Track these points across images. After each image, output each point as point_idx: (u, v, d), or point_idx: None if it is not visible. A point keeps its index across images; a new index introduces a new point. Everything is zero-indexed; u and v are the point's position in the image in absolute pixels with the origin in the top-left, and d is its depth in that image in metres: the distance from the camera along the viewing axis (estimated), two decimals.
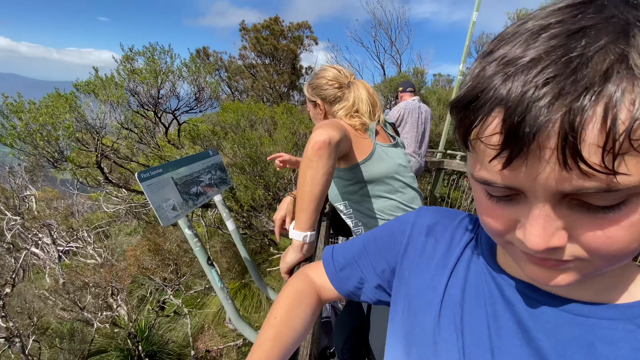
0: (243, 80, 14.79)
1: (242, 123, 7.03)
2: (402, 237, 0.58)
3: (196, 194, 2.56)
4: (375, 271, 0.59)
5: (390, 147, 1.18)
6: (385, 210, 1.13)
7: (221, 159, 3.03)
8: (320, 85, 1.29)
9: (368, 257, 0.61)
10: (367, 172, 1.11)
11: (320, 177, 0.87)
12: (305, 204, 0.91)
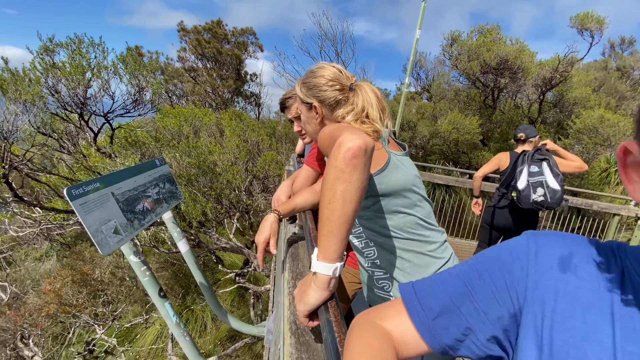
0: (182, 84, 13.78)
1: (185, 129, 6.46)
2: (521, 273, 0.45)
3: (143, 211, 2.17)
4: (487, 318, 0.46)
5: (403, 155, 1.06)
6: (404, 227, 1.01)
7: (169, 169, 2.66)
8: (318, 85, 1.12)
9: (474, 300, 0.47)
10: (383, 185, 0.97)
11: (354, 193, 0.70)
12: (335, 226, 0.70)
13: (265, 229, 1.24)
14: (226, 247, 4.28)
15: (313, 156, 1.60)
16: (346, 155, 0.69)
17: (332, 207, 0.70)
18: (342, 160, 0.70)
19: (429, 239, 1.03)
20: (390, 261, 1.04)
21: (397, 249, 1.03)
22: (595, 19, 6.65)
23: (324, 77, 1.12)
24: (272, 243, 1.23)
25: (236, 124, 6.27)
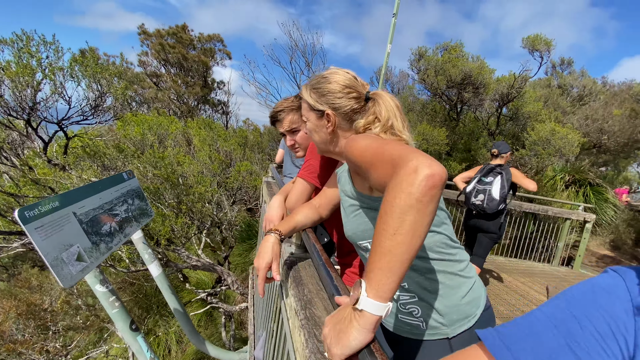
0: (143, 89, 12.99)
1: (149, 138, 6.04)
2: (626, 316, 0.39)
3: (110, 232, 1.93)
4: None
5: None
6: (433, 247, 0.94)
7: (138, 183, 2.43)
8: (333, 92, 1.04)
9: (577, 352, 0.39)
10: None
11: (425, 227, 0.60)
12: (398, 262, 0.60)
13: (266, 253, 1.11)
14: (197, 265, 3.99)
15: (309, 169, 1.49)
16: (426, 184, 0.60)
17: (397, 240, 0.60)
18: (418, 188, 0.60)
19: (457, 257, 0.98)
20: (420, 284, 0.96)
21: (428, 271, 0.95)
22: (543, 41, 7.33)
23: (338, 84, 1.04)
24: (274, 268, 1.10)
25: (206, 132, 5.98)
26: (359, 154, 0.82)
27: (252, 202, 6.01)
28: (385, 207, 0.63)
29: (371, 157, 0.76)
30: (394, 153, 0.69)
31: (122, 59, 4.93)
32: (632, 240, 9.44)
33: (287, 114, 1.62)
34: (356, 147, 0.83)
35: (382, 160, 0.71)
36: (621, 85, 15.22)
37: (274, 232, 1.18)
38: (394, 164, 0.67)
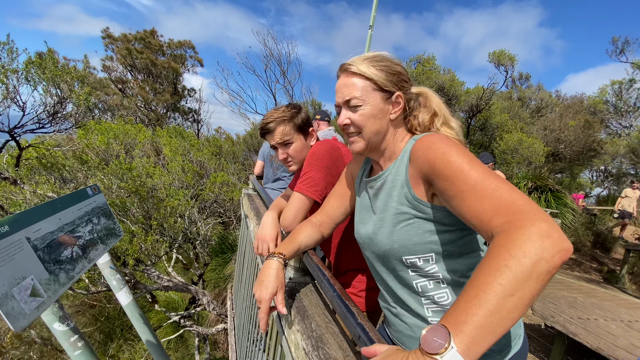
0: (107, 96, 12.20)
1: (114, 148, 5.61)
2: None
3: (72, 259, 1.68)
4: None
5: None
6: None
7: (105, 199, 2.18)
8: (402, 74, 0.92)
9: None
10: None
11: (530, 302, 0.52)
12: (502, 325, 0.50)
13: (269, 282, 0.96)
14: (168, 285, 3.67)
15: (309, 181, 1.36)
16: (560, 257, 0.53)
17: (513, 303, 0.50)
18: (553, 259, 0.52)
19: None
20: None
21: None
22: (508, 57, 7.80)
23: (403, 67, 0.94)
24: (279, 299, 0.96)
25: (178, 142, 5.66)
26: (453, 168, 0.71)
27: (228, 215, 5.73)
28: (507, 260, 0.53)
29: (474, 182, 0.67)
30: (514, 197, 0.61)
31: (86, 62, 4.51)
32: (590, 242, 10.11)
33: (279, 125, 1.48)
34: (446, 155, 0.73)
35: (489, 195, 0.63)
36: (573, 99, 16.58)
37: (277, 256, 1.03)
38: (515, 211, 0.59)
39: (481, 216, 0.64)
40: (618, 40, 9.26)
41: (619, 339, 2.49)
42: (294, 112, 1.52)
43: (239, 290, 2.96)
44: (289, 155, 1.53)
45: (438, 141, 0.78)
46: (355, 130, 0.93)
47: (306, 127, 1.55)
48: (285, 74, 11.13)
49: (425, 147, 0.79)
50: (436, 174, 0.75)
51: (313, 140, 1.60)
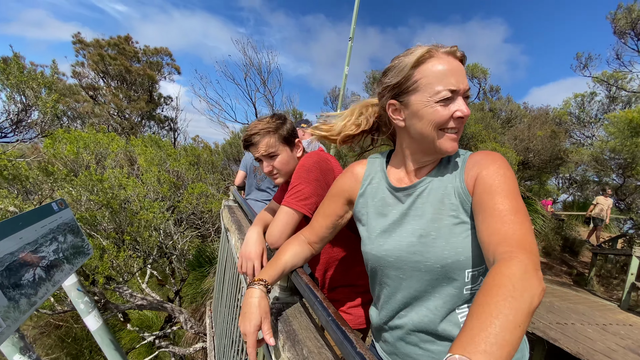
0: (77, 103, 11.62)
1: (84, 158, 5.31)
2: None
3: (34, 282, 1.53)
4: None
5: None
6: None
7: (72, 215, 2.03)
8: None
9: None
10: None
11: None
12: (508, 355, 0.49)
13: (252, 313, 0.89)
14: (142, 304, 3.45)
15: (298, 195, 1.30)
16: (542, 297, 0.59)
17: (518, 334, 0.50)
18: (540, 297, 0.58)
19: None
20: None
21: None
22: (481, 70, 8.16)
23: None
24: (266, 330, 0.89)
25: (154, 151, 5.44)
26: (504, 187, 0.74)
27: (207, 227, 5.53)
28: (512, 292, 0.54)
29: (509, 207, 0.70)
30: (527, 235, 0.66)
31: (54, 68, 4.21)
32: (560, 246, 10.60)
33: (263, 137, 1.42)
34: (506, 175, 0.76)
35: (511, 224, 0.67)
36: (539, 110, 17.58)
37: (257, 283, 0.96)
38: (522, 245, 0.63)
39: (493, 237, 0.67)
40: (582, 56, 10.00)
41: (597, 343, 2.56)
42: (279, 122, 1.47)
43: (219, 307, 2.81)
44: (274, 168, 1.46)
45: (500, 158, 0.80)
46: (462, 126, 0.84)
47: (292, 138, 1.49)
48: (266, 83, 11.09)
49: (490, 160, 0.79)
50: (488, 186, 0.75)
51: (299, 151, 1.55)
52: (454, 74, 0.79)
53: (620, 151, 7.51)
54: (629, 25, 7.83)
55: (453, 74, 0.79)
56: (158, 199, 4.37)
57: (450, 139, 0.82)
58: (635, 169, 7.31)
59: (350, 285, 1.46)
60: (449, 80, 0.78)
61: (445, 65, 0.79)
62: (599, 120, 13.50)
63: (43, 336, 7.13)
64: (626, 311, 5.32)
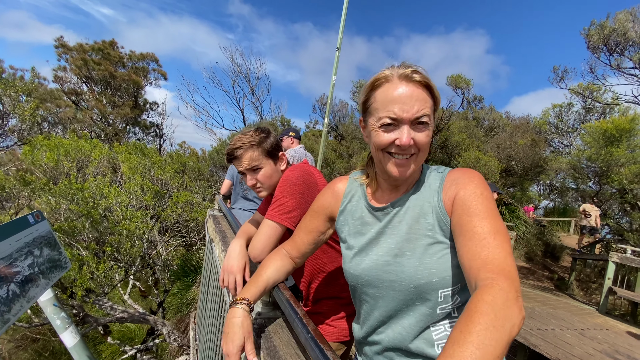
0: (58, 108, 11.29)
1: (65, 165, 5.17)
2: None
3: (7, 299, 1.49)
4: None
5: None
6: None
7: (49, 227, 1.99)
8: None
9: None
10: None
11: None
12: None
13: (235, 334, 0.88)
14: (124, 317, 3.35)
15: (281, 208, 1.31)
16: (521, 326, 0.59)
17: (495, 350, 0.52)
18: (519, 326, 0.58)
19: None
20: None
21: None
22: (464, 80, 8.41)
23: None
24: (248, 349, 0.89)
25: (138, 159, 5.34)
26: (481, 208, 0.73)
27: (192, 236, 5.44)
28: (494, 322, 0.54)
29: (488, 230, 0.70)
30: (508, 260, 0.66)
31: (34, 73, 4.12)
32: (542, 251, 10.89)
33: (246, 151, 1.42)
34: (484, 195, 0.76)
35: (491, 248, 0.67)
36: (520, 119, 18.17)
37: (240, 303, 0.95)
38: (503, 272, 0.63)
39: (474, 262, 0.67)
40: (558, 69, 10.46)
41: (575, 348, 2.64)
42: (262, 136, 1.47)
43: (202, 320, 2.76)
44: (258, 181, 1.47)
45: (478, 177, 0.80)
46: (414, 152, 0.81)
47: (275, 151, 1.50)
48: (254, 90, 11.09)
49: (467, 179, 0.79)
50: (467, 207, 0.74)
51: (283, 164, 1.56)
52: (400, 101, 0.78)
53: (595, 160, 7.84)
54: (602, 41, 8.25)
55: (399, 102, 0.78)
56: (141, 208, 4.28)
57: (395, 164, 0.82)
58: (610, 177, 7.63)
59: (334, 298, 1.47)
60: (392, 108, 0.78)
61: (394, 92, 0.79)
62: (576, 130, 14.07)
63: (19, 350, 6.81)
64: (604, 315, 5.49)
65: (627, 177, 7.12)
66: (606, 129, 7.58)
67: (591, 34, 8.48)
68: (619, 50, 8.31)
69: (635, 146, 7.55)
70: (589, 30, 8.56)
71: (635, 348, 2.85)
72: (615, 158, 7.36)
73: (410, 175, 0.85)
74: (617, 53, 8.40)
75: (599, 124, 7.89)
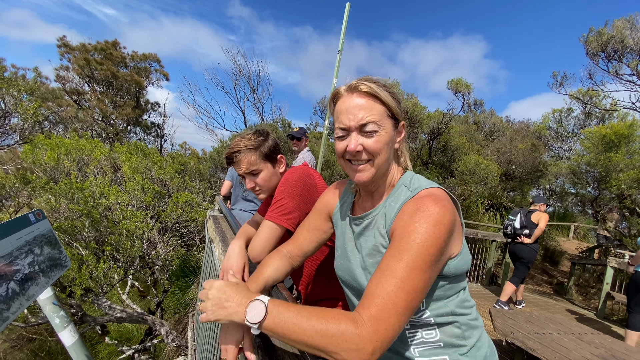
0: (60, 107, 11.32)
1: (65, 165, 5.18)
2: None
3: (7, 297, 1.49)
4: None
5: None
6: (456, 310, 0.86)
7: (50, 226, 1.99)
8: (401, 103, 0.92)
9: None
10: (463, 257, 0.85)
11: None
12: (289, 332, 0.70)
13: (234, 328, 0.89)
14: (122, 316, 3.35)
15: (282, 210, 1.32)
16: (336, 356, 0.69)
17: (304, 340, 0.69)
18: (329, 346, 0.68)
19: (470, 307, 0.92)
20: (456, 335, 0.87)
21: (462, 323, 0.88)
22: (464, 85, 8.45)
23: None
24: (247, 345, 0.90)
25: (139, 159, 5.35)
26: (404, 245, 0.72)
27: (192, 236, 5.45)
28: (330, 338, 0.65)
29: (400, 273, 0.70)
30: (388, 313, 0.68)
31: (37, 73, 4.12)
32: (541, 255, 10.90)
33: (245, 155, 1.43)
34: (416, 232, 0.72)
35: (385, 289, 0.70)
36: (520, 124, 18.22)
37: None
38: (372, 318, 0.67)
39: (366, 292, 0.71)
40: (558, 75, 10.53)
41: (572, 352, 2.64)
42: (260, 140, 1.48)
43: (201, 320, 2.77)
44: (256, 184, 1.48)
45: (426, 218, 0.73)
46: (367, 158, 0.85)
47: (274, 154, 1.51)
48: (255, 92, 11.13)
49: (416, 220, 0.74)
50: (397, 237, 0.75)
51: (282, 167, 1.57)
52: (347, 112, 0.84)
53: (595, 165, 7.88)
54: (600, 47, 8.31)
55: (346, 112, 0.85)
56: (142, 208, 4.29)
57: (353, 170, 0.87)
58: (609, 182, 7.66)
59: (331, 299, 1.48)
60: (341, 119, 0.85)
61: (342, 105, 0.86)
62: (576, 135, 14.12)
63: (15, 350, 6.79)
64: (602, 320, 5.49)
65: (625, 183, 7.15)
66: (605, 135, 7.61)
67: (590, 41, 8.54)
68: (617, 57, 8.37)
69: (634, 152, 7.58)
70: (587, 37, 8.62)
71: (632, 353, 2.86)
72: (614, 163, 7.39)
73: (374, 181, 0.89)
74: (615, 60, 8.46)
75: (597, 130, 7.93)
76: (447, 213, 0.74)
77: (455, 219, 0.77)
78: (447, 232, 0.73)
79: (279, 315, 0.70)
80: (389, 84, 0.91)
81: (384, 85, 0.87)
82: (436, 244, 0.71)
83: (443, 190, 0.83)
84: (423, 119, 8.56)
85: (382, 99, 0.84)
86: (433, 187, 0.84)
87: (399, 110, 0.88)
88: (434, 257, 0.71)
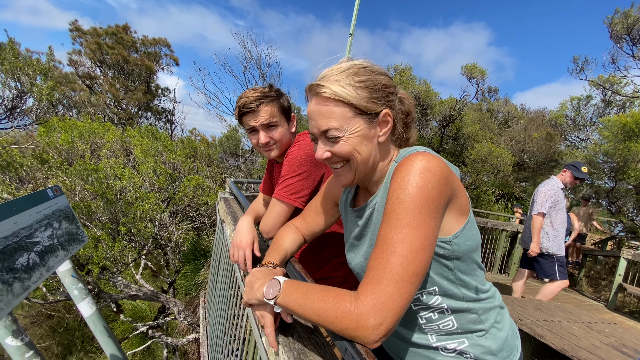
0: (73, 92, 11.47)
1: (79, 147, 5.28)
2: None
3: (28, 267, 1.54)
4: None
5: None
6: (483, 287, 0.84)
7: (67, 202, 2.04)
8: (388, 86, 0.78)
9: None
10: (471, 233, 0.79)
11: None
12: (300, 308, 0.74)
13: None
14: (137, 294, 3.46)
15: (289, 188, 1.32)
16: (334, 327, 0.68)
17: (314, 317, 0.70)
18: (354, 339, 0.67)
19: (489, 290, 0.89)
20: (473, 321, 0.84)
21: (478, 308, 0.85)
22: (479, 70, 8.21)
23: (388, 77, 0.80)
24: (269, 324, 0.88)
25: (150, 142, 5.42)
26: (396, 213, 0.65)
27: (202, 219, 5.54)
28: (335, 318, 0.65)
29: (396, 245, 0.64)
30: (390, 287, 0.63)
31: (50, 55, 4.11)
32: None
33: (267, 105, 1.31)
34: (405, 197, 0.65)
35: (385, 263, 0.65)
36: (536, 112, 17.70)
37: (266, 266, 0.96)
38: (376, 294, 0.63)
39: (369, 267, 0.67)
40: (578, 59, 10.09)
41: (581, 339, 2.63)
42: (278, 92, 1.37)
43: (212, 298, 2.84)
44: (272, 139, 1.37)
45: (410, 172, 0.66)
46: (340, 160, 0.80)
47: (289, 111, 1.43)
48: (265, 77, 11.04)
49: (399, 181, 0.68)
50: (386, 213, 0.69)
51: (293, 127, 1.48)
52: (310, 118, 0.80)
53: (612, 155, 7.63)
54: (625, 30, 7.90)
55: (310, 118, 0.81)
56: (154, 191, 4.36)
57: (336, 175, 0.86)
58: (626, 173, 7.43)
59: (324, 279, 1.47)
60: (310, 125, 0.81)
61: (308, 109, 0.82)
62: (594, 124, 13.67)
63: (34, 326, 7.11)
64: (612, 311, 5.43)
65: None
66: (625, 123, 7.33)
67: (615, 23, 8.12)
68: None
69: None
70: (612, 19, 8.19)
71: None
72: (633, 153, 7.14)
73: (360, 179, 0.85)
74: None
75: (617, 118, 7.64)
76: (434, 161, 0.67)
77: (449, 174, 0.70)
78: (437, 180, 0.65)
79: (289, 296, 0.73)
80: (368, 67, 0.78)
81: (354, 75, 0.75)
82: (423, 193, 0.64)
83: (430, 151, 0.76)
84: (435, 105, 8.39)
85: (344, 100, 0.74)
86: (418, 150, 0.78)
87: (372, 103, 0.76)
88: (425, 209, 0.64)
